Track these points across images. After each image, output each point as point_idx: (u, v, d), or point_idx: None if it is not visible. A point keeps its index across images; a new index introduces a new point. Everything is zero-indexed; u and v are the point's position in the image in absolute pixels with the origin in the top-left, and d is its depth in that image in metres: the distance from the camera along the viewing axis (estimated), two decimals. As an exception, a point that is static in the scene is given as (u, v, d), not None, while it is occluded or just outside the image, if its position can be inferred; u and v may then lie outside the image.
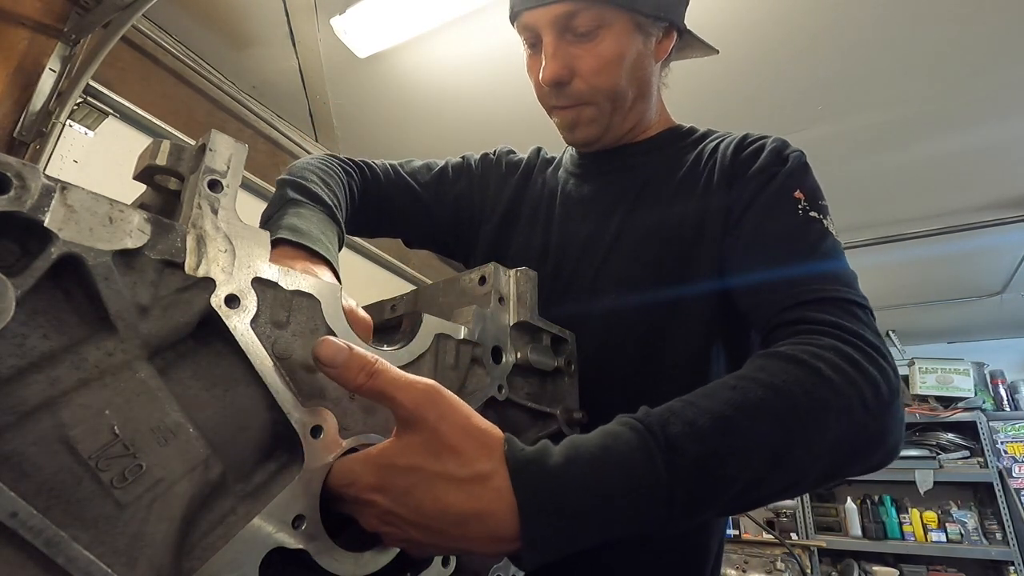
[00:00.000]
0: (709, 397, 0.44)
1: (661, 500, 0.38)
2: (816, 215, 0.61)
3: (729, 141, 0.72)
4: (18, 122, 1.45)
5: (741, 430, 0.41)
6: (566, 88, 0.70)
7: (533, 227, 0.82)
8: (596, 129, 0.74)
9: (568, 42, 0.68)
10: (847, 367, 0.46)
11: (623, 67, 0.69)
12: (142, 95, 1.76)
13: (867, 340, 0.50)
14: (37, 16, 1.48)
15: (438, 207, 0.86)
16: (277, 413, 0.37)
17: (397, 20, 1.64)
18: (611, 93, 0.70)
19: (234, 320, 0.35)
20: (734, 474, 0.41)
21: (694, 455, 0.40)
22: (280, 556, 0.36)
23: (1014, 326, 3.72)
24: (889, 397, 0.47)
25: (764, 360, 0.48)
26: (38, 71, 1.48)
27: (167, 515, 0.31)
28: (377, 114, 2.16)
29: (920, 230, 2.57)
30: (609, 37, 0.68)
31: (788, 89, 1.87)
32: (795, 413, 0.43)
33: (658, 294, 0.67)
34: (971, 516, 3.21)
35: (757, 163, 0.66)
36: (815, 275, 0.57)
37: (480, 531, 0.36)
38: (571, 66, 0.68)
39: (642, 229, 0.71)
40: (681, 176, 0.73)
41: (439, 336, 0.49)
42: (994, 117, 1.92)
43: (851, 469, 0.47)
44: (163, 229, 0.33)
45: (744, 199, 0.65)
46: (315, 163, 0.73)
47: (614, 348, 0.68)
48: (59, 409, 0.28)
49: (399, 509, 0.37)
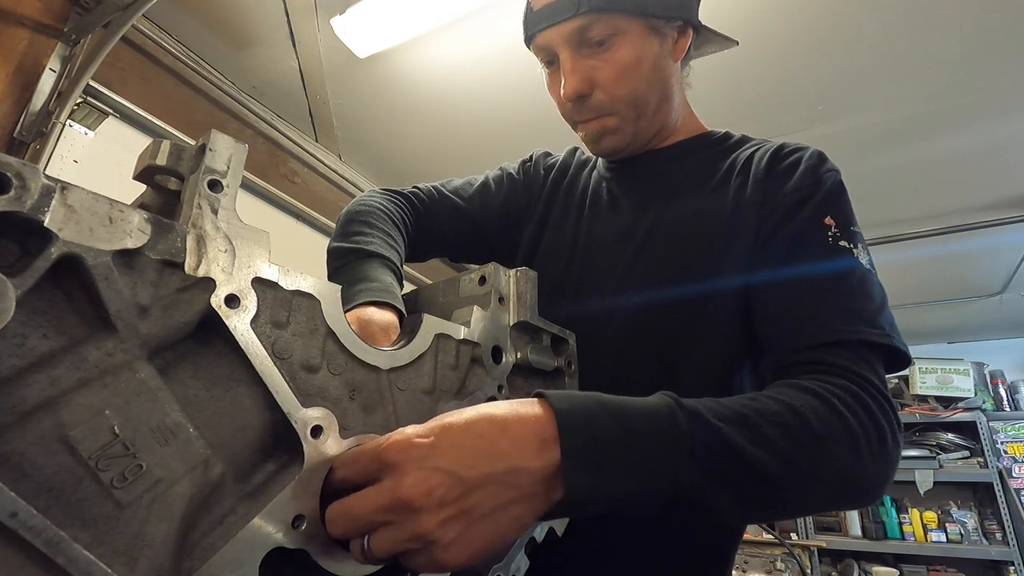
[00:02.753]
0: (729, 400, 0.47)
1: (683, 452, 0.41)
2: (846, 244, 0.61)
3: (765, 151, 0.70)
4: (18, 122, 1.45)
5: (758, 427, 0.44)
6: (588, 101, 0.70)
7: (563, 227, 0.82)
8: (622, 138, 0.74)
9: (585, 55, 0.68)
10: (860, 410, 0.49)
11: (642, 72, 0.69)
12: (142, 95, 1.75)
13: (879, 390, 0.52)
14: (37, 16, 1.48)
15: (485, 220, 0.86)
16: (277, 413, 0.37)
17: (397, 20, 1.64)
18: (632, 100, 0.70)
19: (234, 320, 0.35)
20: (751, 458, 0.43)
21: (715, 425, 0.43)
22: (280, 556, 0.36)
23: (1014, 326, 3.72)
24: (892, 447, 0.50)
25: (783, 387, 0.51)
26: (38, 71, 1.47)
27: (167, 515, 0.31)
28: (377, 114, 2.16)
29: (920, 230, 2.57)
30: (624, 44, 0.67)
31: (788, 90, 1.87)
32: (809, 433, 0.46)
33: (683, 298, 0.66)
34: (971, 516, 3.21)
35: (791, 182, 0.65)
36: (836, 315, 0.56)
37: (523, 432, 0.38)
38: (590, 78, 0.68)
39: (670, 233, 0.70)
40: (713, 184, 0.72)
41: (439, 336, 0.49)
42: (994, 117, 1.92)
43: (844, 503, 0.50)
44: (163, 229, 0.33)
45: (773, 221, 0.64)
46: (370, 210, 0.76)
47: (634, 354, 0.67)
48: (59, 409, 0.28)
49: (449, 451, 0.36)
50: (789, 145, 0.71)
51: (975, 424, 3.29)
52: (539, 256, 0.81)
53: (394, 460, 0.36)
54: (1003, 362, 3.70)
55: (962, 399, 3.41)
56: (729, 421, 0.44)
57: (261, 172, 2.16)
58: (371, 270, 0.64)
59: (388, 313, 0.55)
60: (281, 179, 2.28)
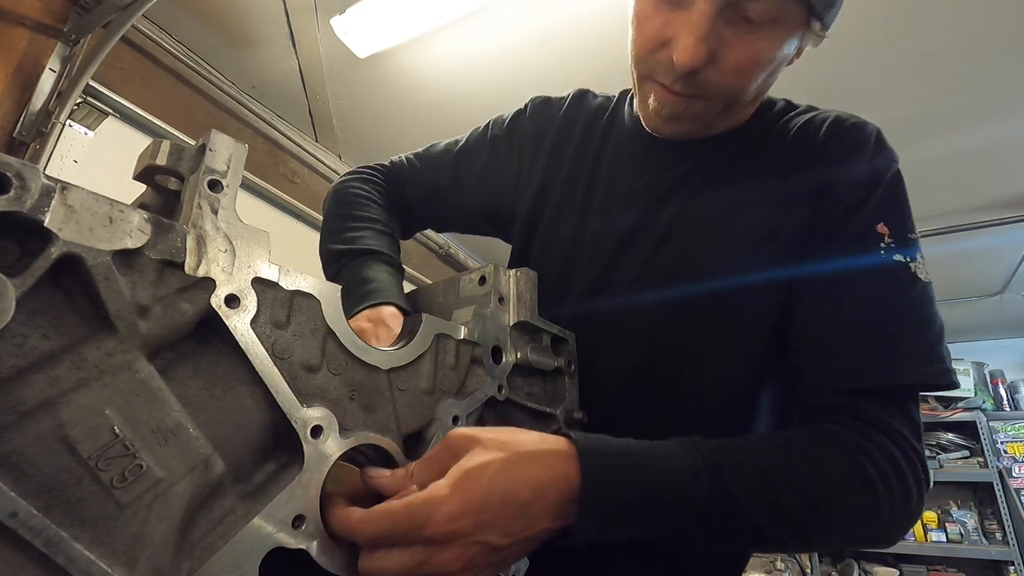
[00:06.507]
0: (756, 448, 0.47)
1: (696, 515, 0.43)
2: (901, 257, 0.55)
3: (819, 126, 0.62)
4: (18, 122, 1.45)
5: (778, 492, 0.46)
6: (694, 75, 0.56)
7: (570, 202, 0.72)
8: (695, 127, 0.63)
9: (725, 22, 0.54)
10: (892, 476, 0.48)
11: (765, 71, 0.58)
12: (142, 95, 1.75)
13: (916, 451, 0.50)
14: (37, 16, 1.48)
15: (462, 191, 0.81)
16: (277, 413, 0.37)
17: (397, 20, 1.64)
18: (736, 95, 0.59)
19: (234, 320, 0.35)
20: (763, 526, 0.44)
21: (733, 492, 0.44)
22: (280, 556, 0.36)
23: (1014, 326, 3.71)
24: (916, 505, 0.49)
25: (817, 440, 0.50)
26: (38, 71, 1.47)
27: (167, 515, 0.31)
28: (377, 114, 2.16)
29: (920, 230, 2.54)
30: (775, 35, 0.55)
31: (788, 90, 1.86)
32: (831, 503, 0.47)
33: (709, 301, 0.60)
34: (971, 516, 3.21)
35: (850, 173, 0.58)
36: (884, 357, 0.52)
37: (556, 497, 0.40)
38: (714, 52, 0.55)
39: (700, 223, 0.63)
40: (754, 168, 0.63)
41: (439, 336, 0.49)
42: (994, 117, 1.92)
43: (856, 548, 0.52)
44: (163, 229, 0.33)
45: (827, 226, 0.58)
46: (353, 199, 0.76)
47: (649, 360, 0.62)
48: (59, 409, 0.28)
49: (489, 526, 0.38)
50: (846, 119, 0.62)
51: (975, 424, 3.28)
52: (539, 237, 0.73)
53: (436, 535, 0.37)
54: (1003, 362, 3.70)
55: (962, 399, 3.41)
56: (750, 484, 0.44)
57: (261, 172, 2.16)
58: (365, 270, 0.63)
59: (388, 308, 0.56)
60: (281, 179, 2.28)
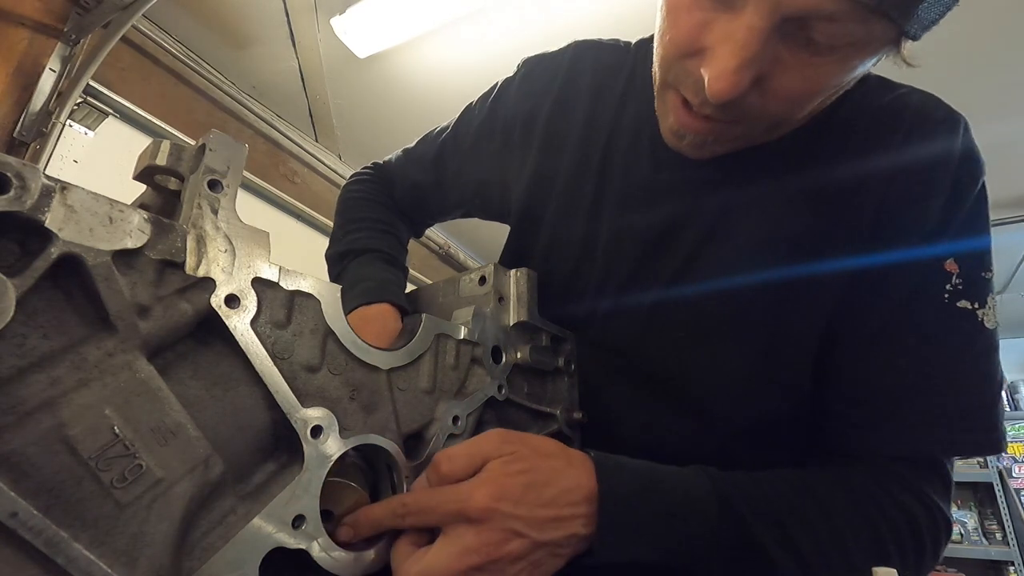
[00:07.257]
0: (776, 487, 0.47)
1: (710, 547, 0.43)
2: (967, 304, 0.48)
3: (898, 113, 0.52)
4: (18, 122, 1.45)
5: (792, 537, 0.45)
6: (732, 102, 0.43)
7: (576, 201, 0.64)
8: (727, 149, 0.52)
9: (781, 37, 0.41)
10: (910, 543, 0.48)
11: (822, 96, 0.46)
12: (142, 95, 1.76)
13: (943, 514, 0.49)
14: (37, 16, 1.48)
15: (444, 190, 0.79)
16: (277, 413, 0.37)
17: (397, 20, 1.64)
18: (783, 120, 0.48)
19: (234, 320, 0.35)
20: (774, 562, 0.44)
21: (750, 535, 0.44)
22: (280, 556, 0.36)
23: (1014, 326, 3.71)
24: (928, 563, 0.49)
25: (843, 490, 0.49)
26: (38, 71, 1.48)
27: (167, 515, 0.31)
28: (377, 114, 2.16)
29: (920, 230, 2.56)
30: (847, 60, 0.42)
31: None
32: (845, 556, 0.46)
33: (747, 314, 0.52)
34: (971, 516, 3.21)
35: (924, 195, 0.49)
36: (927, 421, 0.48)
37: (576, 497, 0.41)
38: (760, 78, 0.42)
39: (737, 227, 0.54)
40: (814, 153, 0.53)
41: (439, 336, 0.49)
42: (994, 117, 1.92)
43: None
44: (163, 229, 0.33)
45: (884, 251, 0.50)
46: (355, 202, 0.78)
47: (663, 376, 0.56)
48: (59, 409, 0.28)
49: (520, 504, 0.39)
50: (934, 111, 0.51)
51: (975, 424, 3.28)
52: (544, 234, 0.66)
53: (476, 511, 0.38)
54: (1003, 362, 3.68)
55: (962, 399, 3.41)
56: (766, 523, 0.44)
57: (261, 172, 2.16)
58: (360, 269, 0.63)
59: (375, 307, 0.56)
60: (281, 179, 2.28)
